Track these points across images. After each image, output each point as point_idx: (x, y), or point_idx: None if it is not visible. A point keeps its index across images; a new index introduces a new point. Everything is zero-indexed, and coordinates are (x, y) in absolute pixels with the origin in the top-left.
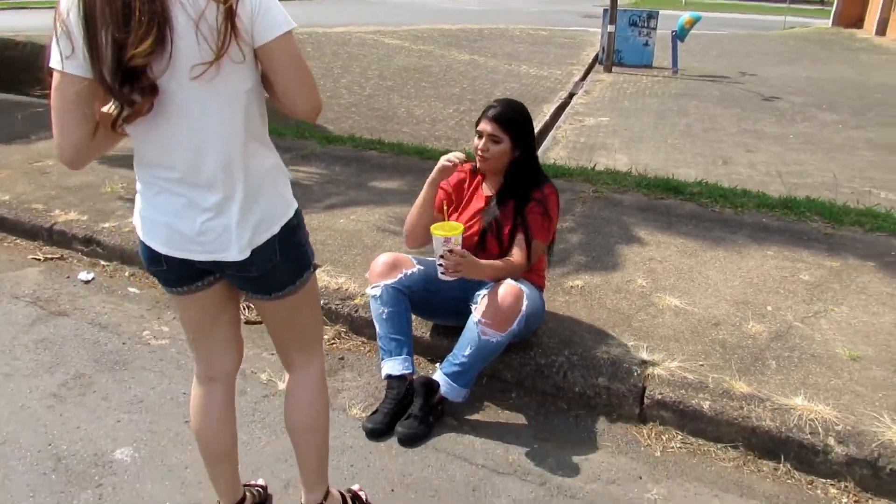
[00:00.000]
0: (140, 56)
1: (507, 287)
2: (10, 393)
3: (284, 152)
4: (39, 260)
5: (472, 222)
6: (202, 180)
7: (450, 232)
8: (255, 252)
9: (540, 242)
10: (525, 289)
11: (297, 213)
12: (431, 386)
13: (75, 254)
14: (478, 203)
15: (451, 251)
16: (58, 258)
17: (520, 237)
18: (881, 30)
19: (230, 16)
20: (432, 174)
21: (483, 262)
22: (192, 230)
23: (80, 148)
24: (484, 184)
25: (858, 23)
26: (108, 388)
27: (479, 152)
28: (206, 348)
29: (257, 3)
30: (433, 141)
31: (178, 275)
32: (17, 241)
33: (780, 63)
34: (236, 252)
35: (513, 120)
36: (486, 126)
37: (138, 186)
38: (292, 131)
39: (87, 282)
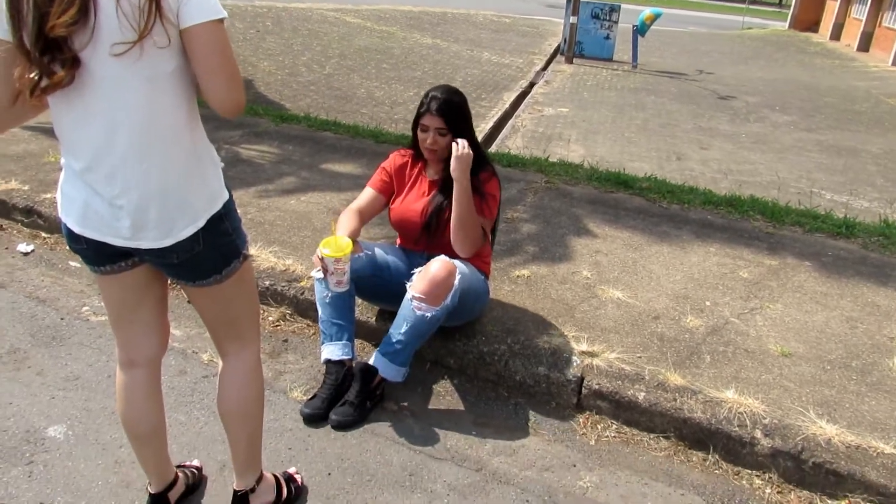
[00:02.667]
0: (61, 26)
1: (440, 262)
2: None
3: (236, 128)
4: None
5: (417, 208)
6: (111, 166)
7: (338, 252)
8: (177, 241)
9: (486, 220)
10: (459, 265)
11: (227, 203)
12: (370, 371)
13: (15, 224)
14: (422, 188)
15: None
16: None
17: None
18: (835, 35)
19: None
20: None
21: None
22: (107, 212)
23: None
24: (427, 168)
25: (814, 27)
26: (43, 363)
27: (428, 146)
28: (127, 332)
29: None
30: (391, 123)
31: (100, 253)
32: None
33: (736, 62)
34: (154, 240)
35: (455, 110)
36: (431, 121)
37: (61, 160)
38: (246, 108)
39: (26, 254)
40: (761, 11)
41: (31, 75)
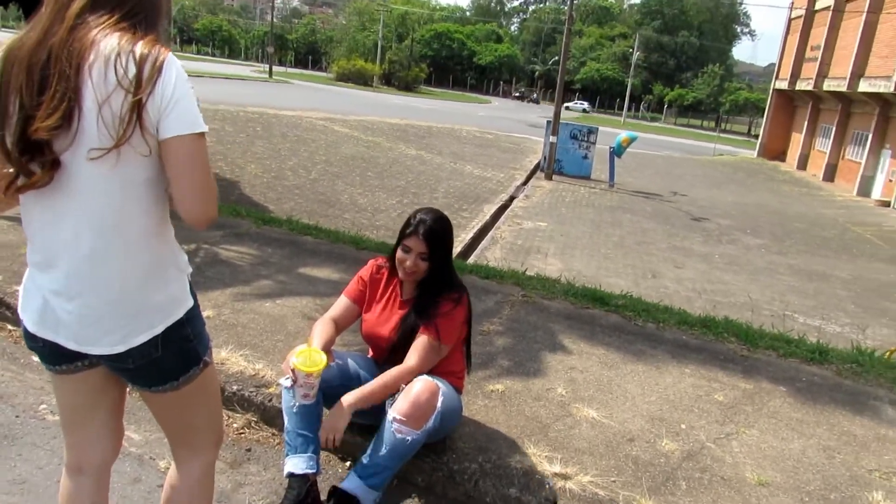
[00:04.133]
0: (45, 130)
1: (423, 383)
2: None
3: (217, 229)
4: None
5: (388, 326)
6: (72, 267)
7: (311, 367)
8: (131, 348)
9: (443, 345)
10: (441, 385)
11: (190, 310)
12: (346, 497)
13: None
14: (394, 305)
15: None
16: None
17: (421, 339)
18: (801, 165)
19: (137, 108)
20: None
21: (367, 389)
22: (63, 314)
23: None
24: (402, 286)
25: (781, 156)
26: None
27: (407, 268)
28: (78, 435)
29: (169, 97)
30: (373, 230)
31: (56, 353)
32: None
33: (709, 186)
34: (106, 347)
35: (441, 236)
36: (417, 244)
37: (27, 256)
38: (228, 209)
39: None
40: (732, 140)
41: (8, 173)
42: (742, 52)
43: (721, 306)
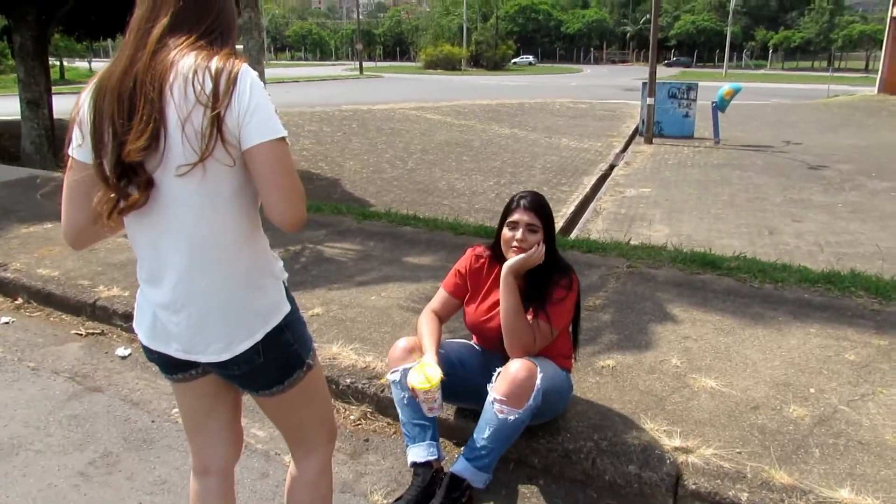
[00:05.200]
0: (136, 151)
1: (520, 363)
2: (40, 471)
3: (321, 228)
4: (81, 335)
5: (494, 313)
6: (174, 280)
7: (425, 385)
8: (235, 355)
9: (555, 330)
10: (538, 363)
11: (288, 315)
12: (455, 480)
13: (115, 329)
14: (498, 294)
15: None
16: (98, 333)
17: (533, 323)
18: None
19: (216, 122)
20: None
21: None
22: (170, 325)
23: (80, 230)
24: None
25: None
26: (133, 467)
27: (517, 243)
28: (200, 439)
29: (245, 107)
30: (472, 213)
31: (169, 363)
32: (63, 315)
33: (825, 131)
34: (212, 355)
35: (545, 208)
36: (522, 216)
37: (137, 274)
38: (330, 207)
39: (123, 357)
40: (847, 78)
41: (110, 198)
42: None
43: (847, 258)
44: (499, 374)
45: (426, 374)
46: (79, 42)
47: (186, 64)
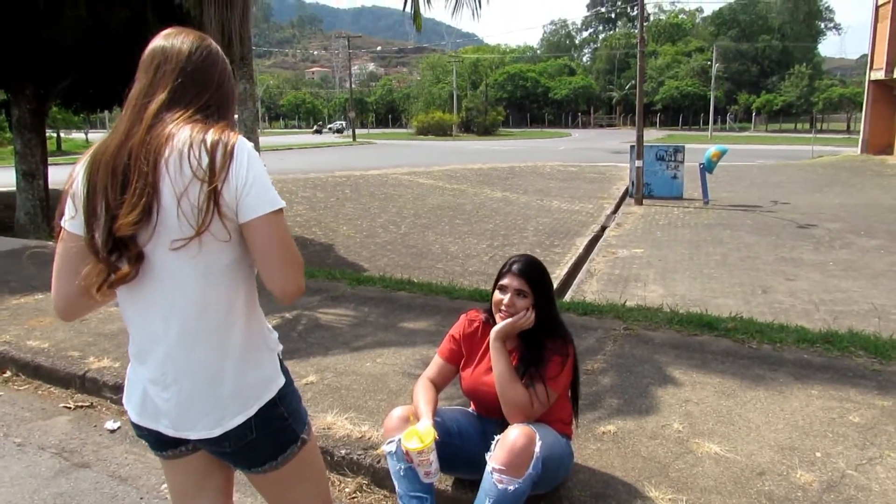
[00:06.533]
0: (127, 226)
1: (518, 429)
2: None
3: (315, 294)
4: (70, 408)
5: (491, 380)
6: (164, 354)
7: (419, 445)
8: (226, 431)
9: (550, 390)
10: (537, 430)
11: (283, 388)
12: None
13: (104, 401)
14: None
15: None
16: (87, 406)
17: (530, 389)
18: None
19: (213, 196)
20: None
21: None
22: (160, 401)
23: (70, 301)
24: None
25: (888, 149)
26: None
27: (505, 308)
28: None
29: (243, 181)
30: (466, 276)
31: (159, 439)
32: (51, 388)
33: (811, 191)
34: (202, 431)
35: (537, 274)
36: (511, 281)
37: (129, 348)
38: (324, 273)
39: (112, 431)
40: (830, 139)
41: (100, 271)
42: (829, 47)
43: (843, 317)
44: (497, 442)
45: (419, 435)
46: (76, 115)
47: (182, 138)
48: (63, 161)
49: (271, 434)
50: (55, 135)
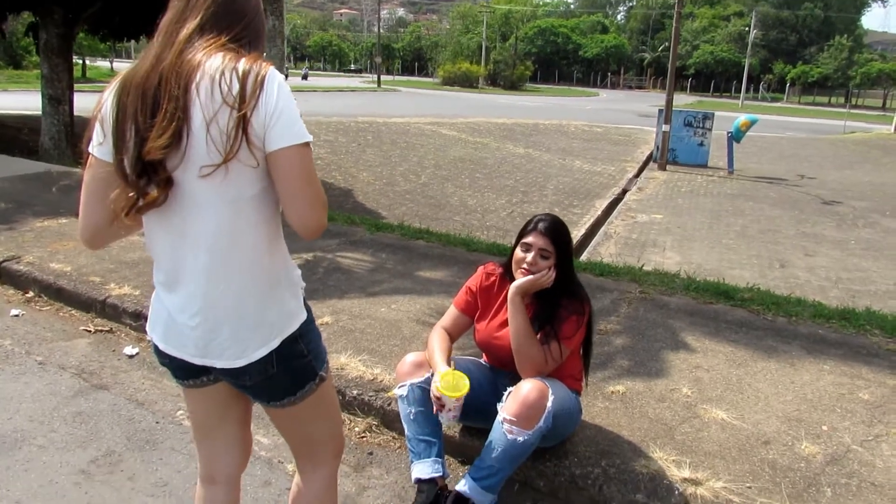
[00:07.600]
0: (157, 149)
1: (531, 383)
2: (42, 466)
3: (334, 237)
4: (90, 332)
5: (505, 334)
6: (192, 284)
7: (458, 392)
8: (250, 362)
9: (563, 346)
10: (550, 385)
11: (304, 324)
12: (461, 499)
13: (124, 328)
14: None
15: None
16: (107, 331)
17: (544, 346)
18: None
19: (242, 123)
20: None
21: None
22: (186, 329)
23: (97, 230)
24: None
25: None
26: (135, 468)
27: (526, 265)
28: (208, 447)
29: (272, 109)
30: (483, 231)
31: (182, 368)
32: (73, 311)
33: (840, 167)
34: (227, 360)
35: (561, 235)
36: (536, 240)
37: (153, 276)
38: (343, 217)
39: (131, 356)
40: (864, 116)
41: (129, 196)
42: (872, 20)
43: (860, 295)
44: (509, 393)
45: (457, 384)
46: (102, 42)
47: (213, 64)
48: (88, 88)
49: (291, 370)
50: (81, 62)
